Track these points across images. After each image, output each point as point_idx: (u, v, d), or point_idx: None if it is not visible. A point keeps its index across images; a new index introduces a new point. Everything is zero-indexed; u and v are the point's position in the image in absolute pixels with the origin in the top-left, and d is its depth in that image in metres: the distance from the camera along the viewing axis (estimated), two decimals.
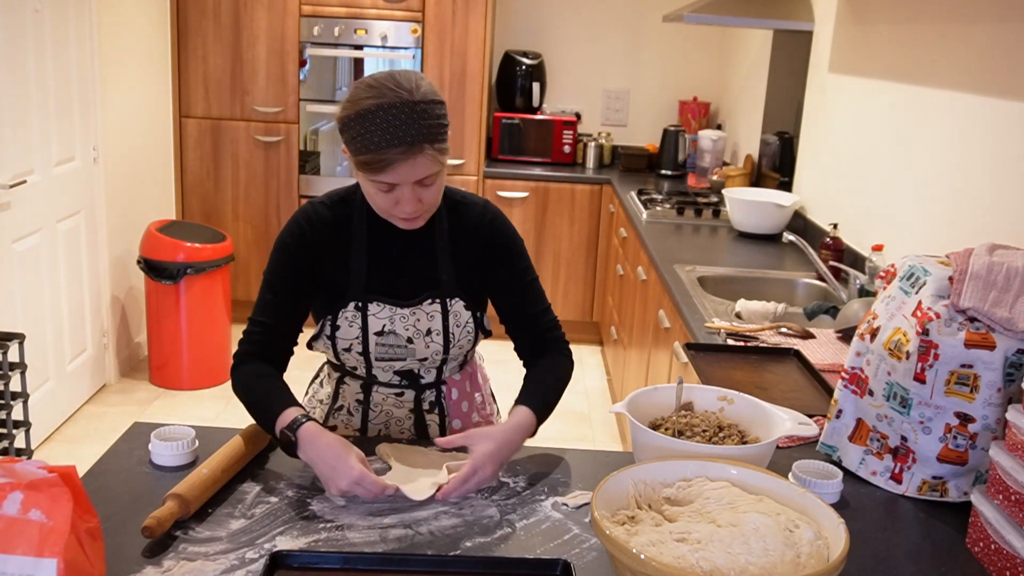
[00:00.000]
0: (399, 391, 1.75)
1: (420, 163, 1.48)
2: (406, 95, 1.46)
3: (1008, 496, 1.32)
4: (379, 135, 1.45)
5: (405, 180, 1.49)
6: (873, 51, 3.05)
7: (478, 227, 1.69)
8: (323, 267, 1.66)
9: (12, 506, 1.01)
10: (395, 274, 1.67)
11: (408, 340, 1.67)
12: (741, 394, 1.60)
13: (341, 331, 1.67)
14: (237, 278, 4.91)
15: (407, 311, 1.66)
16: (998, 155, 2.22)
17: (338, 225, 1.66)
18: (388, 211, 1.56)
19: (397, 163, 1.46)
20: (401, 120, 1.44)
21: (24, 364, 3.07)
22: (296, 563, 1.24)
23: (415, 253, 1.67)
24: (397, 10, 4.68)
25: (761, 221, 3.61)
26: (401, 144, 1.45)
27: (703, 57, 5.40)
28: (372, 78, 1.50)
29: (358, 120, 1.47)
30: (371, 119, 1.45)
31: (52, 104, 3.58)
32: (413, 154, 1.46)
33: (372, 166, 1.48)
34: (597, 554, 1.31)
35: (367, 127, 1.46)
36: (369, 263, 1.66)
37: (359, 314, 1.65)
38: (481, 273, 1.70)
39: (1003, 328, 1.42)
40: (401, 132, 1.45)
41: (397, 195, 1.52)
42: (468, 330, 1.70)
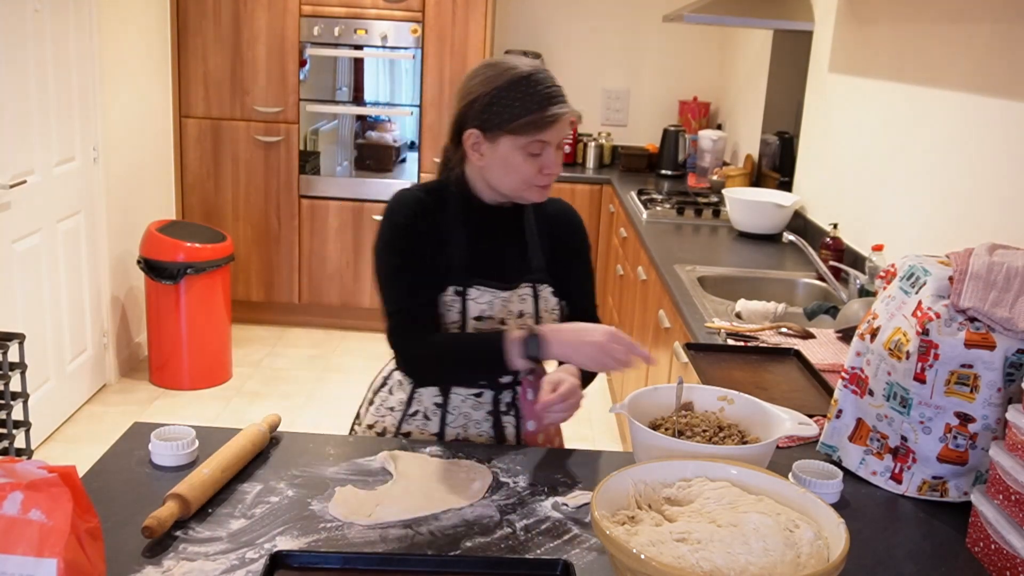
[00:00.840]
0: (478, 391, 1.75)
1: (568, 122, 1.62)
2: (541, 67, 1.62)
3: (1008, 496, 1.32)
4: (542, 94, 1.58)
5: (558, 138, 1.61)
6: (873, 51, 3.05)
7: (560, 219, 1.80)
8: (426, 251, 1.68)
9: (12, 506, 1.01)
10: (493, 258, 1.72)
11: (501, 322, 1.70)
12: (741, 394, 1.59)
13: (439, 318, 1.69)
14: (237, 278, 4.91)
15: (506, 295, 1.70)
16: (998, 155, 2.22)
17: (435, 211, 1.70)
18: (530, 179, 1.63)
19: (559, 120, 1.59)
20: (552, 82, 1.60)
21: (24, 364, 3.07)
22: (296, 563, 1.24)
23: (510, 238, 1.74)
24: (397, 10, 4.68)
25: (761, 221, 3.61)
26: (560, 101, 1.59)
27: (703, 57, 5.40)
28: (494, 60, 1.64)
29: (515, 87, 1.58)
30: (530, 83, 1.58)
31: (52, 104, 3.58)
32: (567, 111, 1.61)
33: (537, 124, 1.58)
34: (597, 554, 1.31)
35: (528, 90, 1.58)
36: (468, 248, 1.70)
37: (459, 298, 1.68)
38: (562, 263, 1.78)
39: (1003, 328, 1.42)
40: (557, 91, 1.60)
41: (543, 159, 1.62)
42: (555, 317, 1.75)
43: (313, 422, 3.97)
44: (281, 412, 2.42)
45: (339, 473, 1.52)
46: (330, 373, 4.54)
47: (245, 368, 4.51)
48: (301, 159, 4.85)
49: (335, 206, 4.91)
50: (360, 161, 4.97)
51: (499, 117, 1.58)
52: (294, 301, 5.03)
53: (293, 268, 4.98)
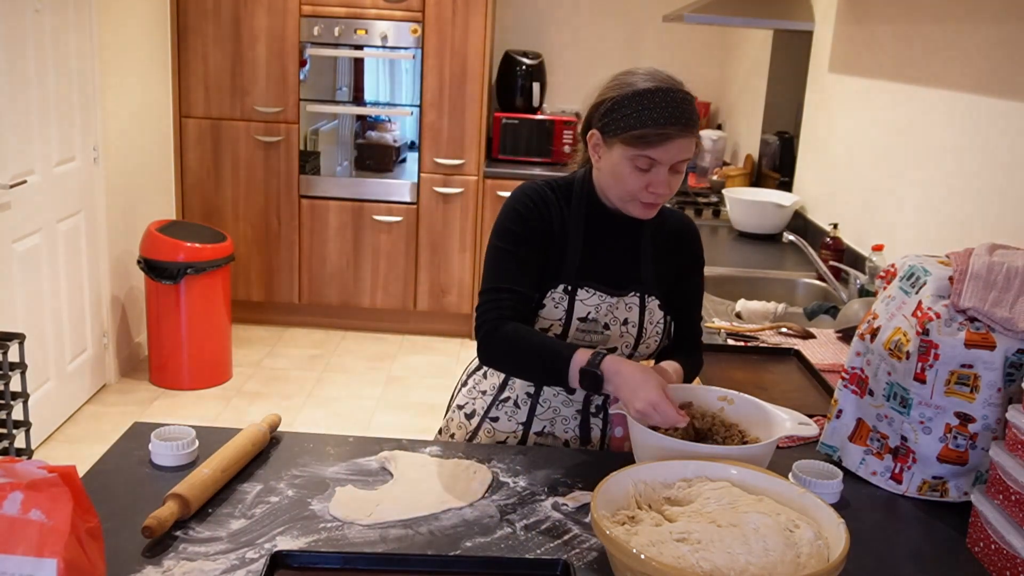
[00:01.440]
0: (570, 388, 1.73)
1: (686, 145, 1.58)
2: (680, 86, 1.61)
3: (1008, 496, 1.32)
4: (660, 111, 1.56)
5: (670, 158, 1.58)
6: (873, 51, 3.05)
7: (678, 235, 1.79)
8: (545, 245, 1.70)
9: (12, 506, 1.01)
10: (606, 263, 1.73)
11: (605, 326, 1.71)
12: (741, 394, 1.60)
13: (545, 311, 1.70)
14: (237, 278, 4.91)
15: (613, 300, 1.71)
16: (998, 155, 2.22)
17: (559, 207, 1.72)
18: (636, 193, 1.62)
19: (672, 139, 1.56)
20: (679, 103, 1.58)
21: (24, 364, 3.07)
22: (296, 563, 1.24)
23: (624, 247, 1.74)
24: (397, 10, 4.68)
25: (761, 221, 3.61)
26: (679, 123, 1.56)
27: (703, 57, 5.40)
28: (638, 68, 1.65)
29: (637, 98, 1.58)
30: (652, 98, 1.58)
31: (52, 104, 3.58)
32: (685, 135, 1.57)
33: (647, 140, 1.56)
34: (597, 554, 1.31)
35: (647, 104, 1.57)
36: (584, 249, 1.71)
37: (567, 297, 1.70)
38: (673, 278, 1.77)
39: (1003, 328, 1.42)
40: (679, 112, 1.57)
41: (651, 176, 1.60)
42: (659, 330, 1.75)
43: (313, 422, 3.97)
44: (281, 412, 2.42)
45: (339, 473, 1.52)
46: (330, 373, 4.54)
47: (245, 368, 4.51)
48: (301, 159, 4.85)
49: (335, 206, 4.91)
50: (360, 161, 4.96)
51: (616, 124, 1.59)
52: (294, 301, 5.03)
53: (293, 268, 4.98)
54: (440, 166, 4.83)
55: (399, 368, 4.64)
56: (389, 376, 4.53)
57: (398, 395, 4.32)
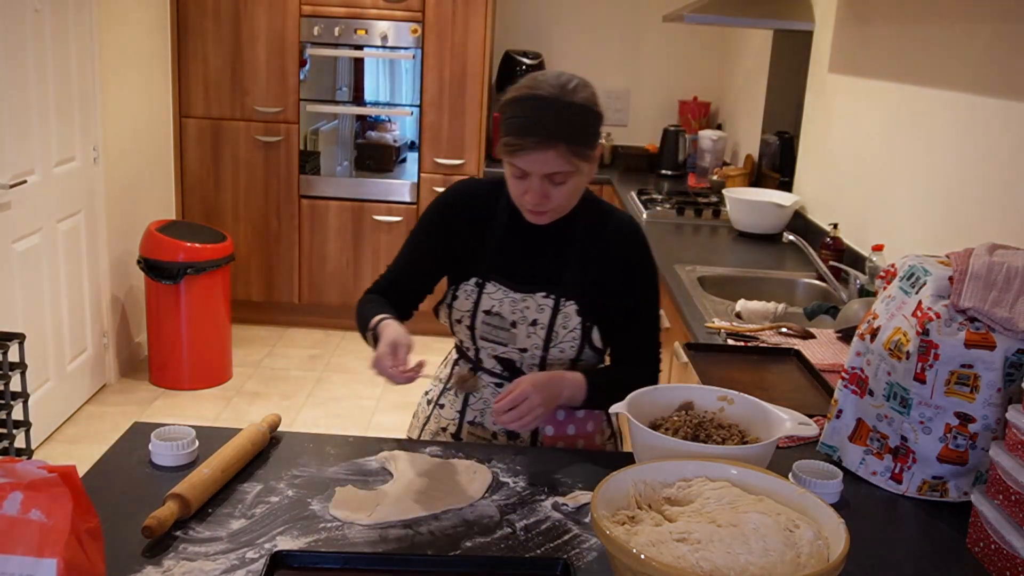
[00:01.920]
0: (499, 381, 1.78)
1: (551, 158, 1.55)
2: (558, 93, 1.56)
3: (1008, 496, 1.32)
4: (521, 121, 1.55)
5: (536, 169, 1.57)
6: (873, 51, 3.05)
7: (618, 242, 1.74)
8: (461, 239, 1.75)
9: (12, 506, 1.01)
10: (519, 261, 1.73)
11: (512, 324, 1.72)
12: (741, 394, 1.59)
13: (458, 302, 1.75)
14: (237, 278, 4.91)
15: (518, 296, 1.72)
16: (998, 155, 2.22)
17: (487, 203, 1.75)
18: (518, 198, 1.65)
19: (529, 151, 1.55)
20: (544, 113, 1.54)
21: (24, 364, 3.07)
22: (296, 563, 1.24)
23: (545, 248, 1.73)
24: (397, 10, 4.68)
25: (761, 221, 3.61)
26: (537, 135, 1.54)
27: (703, 57, 5.40)
28: (541, 72, 1.62)
29: (511, 105, 1.58)
30: (520, 105, 1.56)
31: (52, 104, 3.58)
32: (545, 147, 1.54)
33: (508, 148, 1.57)
34: (597, 554, 1.31)
35: (515, 112, 1.57)
36: (499, 245, 1.73)
37: (476, 290, 1.73)
38: (604, 287, 1.73)
39: (1003, 328, 1.42)
40: (540, 124, 1.54)
41: (527, 184, 1.60)
42: (574, 335, 1.71)
43: (313, 422, 3.97)
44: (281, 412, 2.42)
45: (339, 473, 1.52)
46: (330, 373, 4.54)
47: (245, 368, 4.51)
48: (301, 159, 4.85)
49: (335, 206, 4.91)
50: (360, 161, 4.96)
51: (501, 128, 1.60)
52: (294, 301, 5.03)
53: (293, 268, 4.98)
54: (440, 166, 4.83)
55: None
56: None
57: (398, 395, 4.32)
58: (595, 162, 1.63)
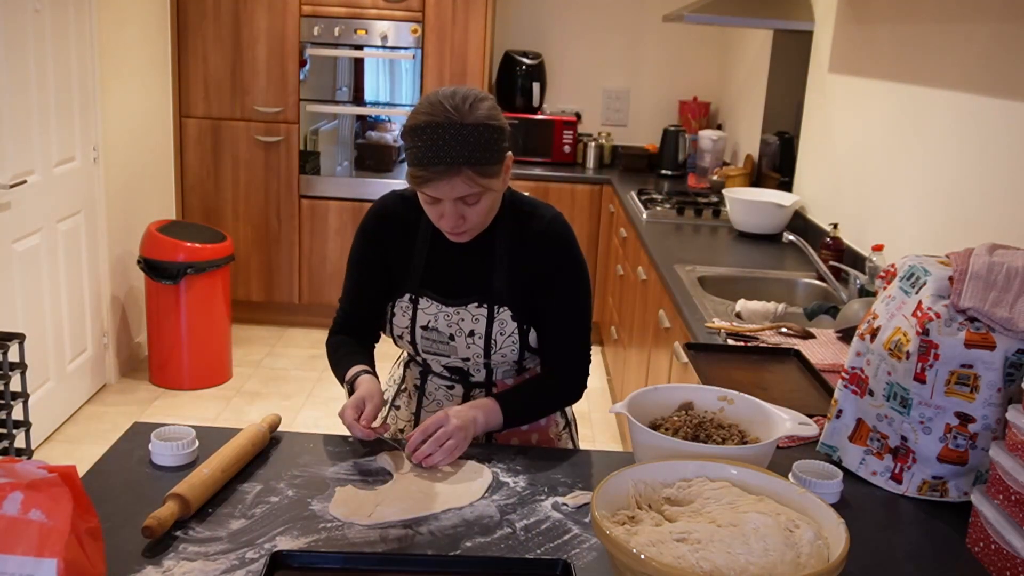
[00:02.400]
0: (450, 384, 1.81)
1: (458, 184, 1.54)
2: (455, 117, 1.52)
3: (1008, 496, 1.32)
4: (423, 151, 1.52)
5: (445, 196, 1.56)
6: (873, 51, 3.05)
7: (537, 239, 1.72)
8: (393, 257, 1.75)
9: (12, 506, 1.01)
10: (448, 274, 1.73)
11: (450, 337, 1.72)
12: (741, 394, 1.59)
13: (396, 319, 1.76)
14: (237, 278, 4.91)
15: (451, 310, 1.71)
16: (998, 155, 2.22)
17: (408, 220, 1.74)
18: (436, 222, 1.64)
19: (435, 180, 1.53)
20: (444, 140, 1.51)
21: (24, 364, 3.06)
22: (296, 563, 1.24)
23: (471, 258, 1.72)
24: (397, 10, 4.68)
25: (761, 221, 3.61)
26: (440, 164, 1.51)
27: (703, 57, 5.40)
28: (436, 93, 1.57)
29: (410, 133, 1.55)
30: (419, 135, 1.53)
31: (52, 104, 3.58)
32: (451, 175, 1.52)
33: (416, 179, 1.55)
34: (597, 554, 1.31)
35: (415, 142, 1.54)
36: (427, 260, 1.73)
37: (411, 306, 1.73)
38: (533, 287, 1.72)
39: (1003, 328, 1.42)
40: (442, 152, 1.51)
41: (440, 209, 1.59)
42: (513, 340, 1.71)
43: (313, 422, 3.97)
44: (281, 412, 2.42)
45: (339, 473, 1.52)
46: (330, 373, 4.53)
47: (245, 368, 4.51)
48: (301, 159, 4.85)
49: (335, 206, 4.91)
50: (360, 161, 4.97)
51: (406, 156, 1.58)
52: (294, 301, 5.03)
53: (293, 268, 4.98)
54: None
55: None
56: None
57: None
58: (507, 173, 1.62)
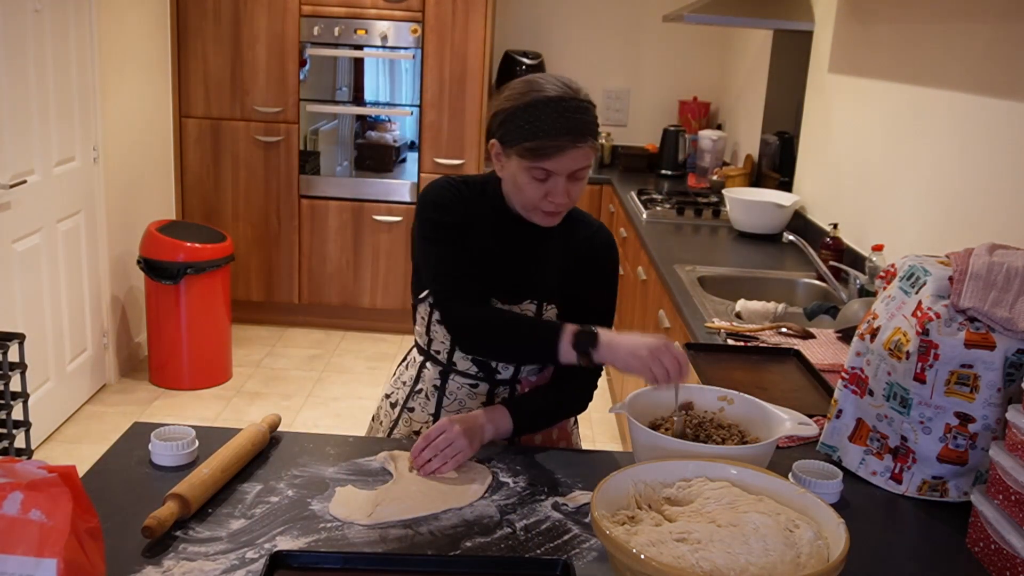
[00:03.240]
0: (474, 382, 1.77)
1: (581, 155, 1.57)
2: (572, 93, 1.57)
3: (1008, 496, 1.32)
4: (551, 122, 1.54)
5: (565, 169, 1.57)
6: (873, 51, 3.05)
7: (592, 248, 1.75)
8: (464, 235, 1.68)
9: (12, 506, 1.01)
10: (507, 271, 1.70)
11: None
12: (741, 394, 1.60)
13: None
14: (237, 278, 4.91)
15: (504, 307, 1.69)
16: (998, 155, 2.22)
17: (470, 204, 1.71)
18: (536, 202, 1.62)
19: (566, 151, 1.55)
20: (572, 111, 1.55)
21: (24, 364, 3.06)
22: (296, 563, 1.24)
23: (528, 254, 1.72)
24: (397, 10, 4.68)
25: (761, 221, 3.61)
26: (571, 133, 1.54)
27: (703, 57, 5.40)
28: (532, 77, 1.60)
29: (529, 109, 1.56)
30: (544, 108, 1.55)
31: (52, 104, 3.58)
32: (578, 144, 1.55)
33: (540, 152, 1.55)
34: (597, 554, 1.31)
35: (539, 115, 1.55)
36: (482, 252, 1.69)
37: None
38: (578, 289, 1.74)
39: (1003, 328, 1.42)
40: (572, 123, 1.55)
41: (549, 186, 1.59)
42: None
43: (313, 422, 3.97)
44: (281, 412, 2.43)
45: (339, 473, 1.52)
46: (330, 373, 4.54)
47: (245, 368, 4.51)
48: (301, 159, 4.85)
49: (335, 206, 4.91)
50: (360, 161, 4.96)
51: (512, 135, 1.58)
52: (294, 301, 5.03)
53: (293, 268, 4.98)
54: (440, 166, 4.83)
55: None
56: (389, 376, 4.53)
57: None
58: None
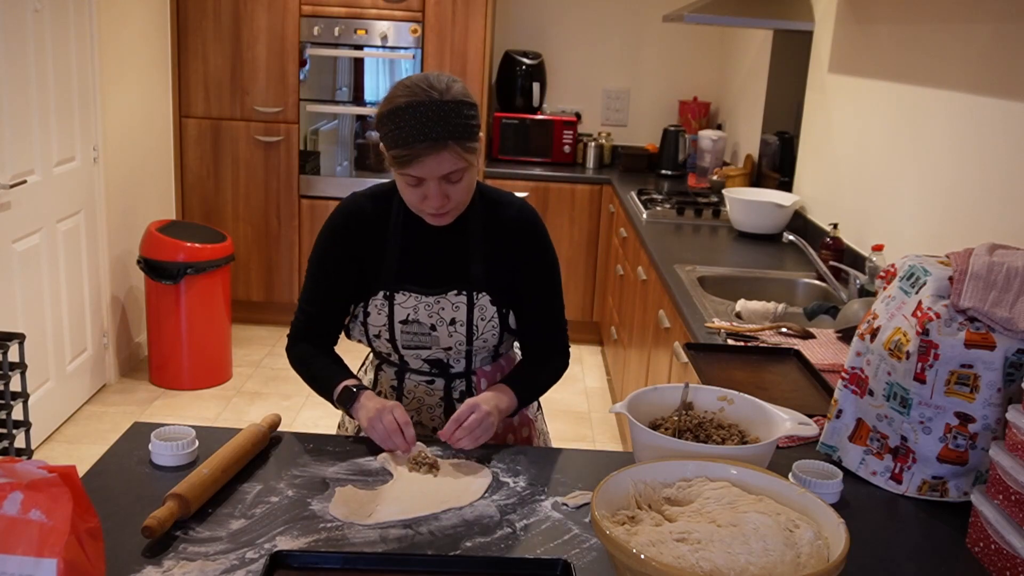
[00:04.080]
0: (429, 379, 1.81)
1: (445, 159, 1.55)
2: (436, 95, 1.54)
3: (1008, 496, 1.32)
4: (407, 130, 1.53)
5: (431, 175, 1.56)
6: (873, 51, 3.05)
7: (510, 226, 1.75)
8: (360, 257, 1.75)
9: (12, 506, 1.01)
10: (424, 265, 1.73)
11: (432, 328, 1.72)
12: (741, 394, 1.60)
13: (371, 318, 1.74)
14: (237, 278, 4.91)
15: (431, 299, 1.72)
16: (998, 155, 2.22)
17: (377, 217, 1.74)
18: (417, 206, 1.64)
19: (423, 157, 1.54)
20: (428, 117, 1.53)
21: (24, 364, 3.06)
22: (296, 563, 1.24)
23: (447, 247, 1.73)
24: (397, 10, 4.68)
25: (761, 221, 3.61)
26: (427, 139, 1.53)
27: (703, 57, 5.40)
28: (409, 78, 1.59)
29: (391, 116, 1.55)
30: (402, 115, 1.54)
31: (52, 104, 3.58)
32: (438, 149, 1.53)
33: (400, 160, 1.56)
34: (597, 554, 1.31)
35: (398, 123, 1.54)
36: (401, 254, 1.73)
37: (387, 302, 1.72)
38: (510, 272, 1.75)
39: (1003, 328, 1.42)
40: (427, 128, 1.53)
41: (424, 190, 1.59)
42: (493, 324, 1.74)
43: (313, 422, 3.97)
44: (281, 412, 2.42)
45: (339, 473, 1.52)
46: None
47: (245, 368, 4.51)
48: (301, 159, 4.85)
49: (335, 206, 4.90)
50: (360, 161, 4.96)
51: (384, 141, 1.59)
52: (294, 301, 5.02)
53: (293, 268, 4.98)
54: None
55: None
56: None
57: None
58: (481, 151, 1.64)
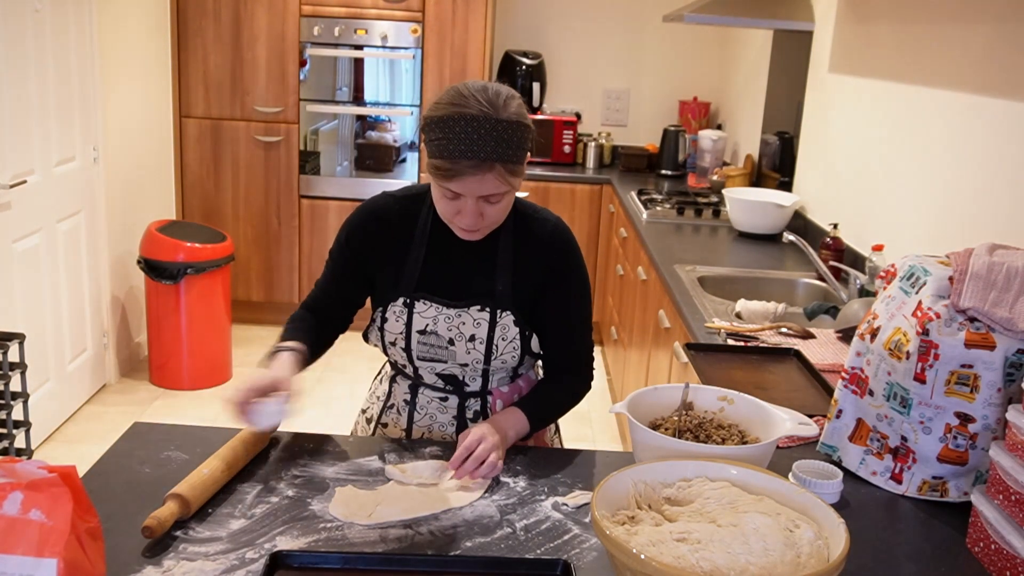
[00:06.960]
0: (443, 395, 1.75)
1: (488, 180, 1.48)
2: (489, 111, 1.46)
3: (1008, 496, 1.32)
4: (455, 143, 1.45)
5: (470, 193, 1.50)
6: (873, 51, 3.05)
7: (545, 246, 1.67)
8: (381, 260, 1.69)
9: (12, 506, 1.01)
10: (448, 275, 1.67)
11: (449, 342, 1.66)
12: (741, 394, 1.59)
13: (388, 324, 1.69)
14: (237, 278, 4.91)
15: (452, 312, 1.65)
16: (998, 155, 2.22)
17: (402, 220, 1.68)
18: (449, 218, 1.57)
19: (465, 175, 1.47)
20: (479, 134, 1.45)
21: (24, 364, 3.07)
22: (296, 563, 1.24)
23: (474, 259, 1.66)
24: (397, 10, 4.68)
25: (761, 221, 3.61)
26: (473, 158, 1.45)
27: (703, 57, 5.40)
28: (465, 86, 1.51)
29: (439, 125, 1.47)
30: (451, 126, 1.46)
31: (52, 104, 3.58)
32: (482, 170, 1.46)
33: (441, 172, 1.49)
34: (597, 554, 1.31)
35: (445, 133, 1.46)
36: (425, 262, 1.67)
37: (406, 310, 1.67)
38: (537, 291, 1.68)
39: (1003, 328, 1.42)
40: (476, 146, 1.45)
41: (460, 205, 1.53)
42: (514, 345, 1.67)
43: (313, 422, 3.97)
44: None
45: (339, 473, 1.52)
46: (330, 373, 4.54)
47: (245, 368, 4.51)
48: (301, 159, 4.85)
49: (335, 206, 4.91)
50: (360, 161, 4.97)
51: (429, 147, 1.51)
52: (294, 301, 5.03)
53: (293, 268, 4.98)
54: None
55: None
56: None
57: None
58: (524, 174, 1.57)
